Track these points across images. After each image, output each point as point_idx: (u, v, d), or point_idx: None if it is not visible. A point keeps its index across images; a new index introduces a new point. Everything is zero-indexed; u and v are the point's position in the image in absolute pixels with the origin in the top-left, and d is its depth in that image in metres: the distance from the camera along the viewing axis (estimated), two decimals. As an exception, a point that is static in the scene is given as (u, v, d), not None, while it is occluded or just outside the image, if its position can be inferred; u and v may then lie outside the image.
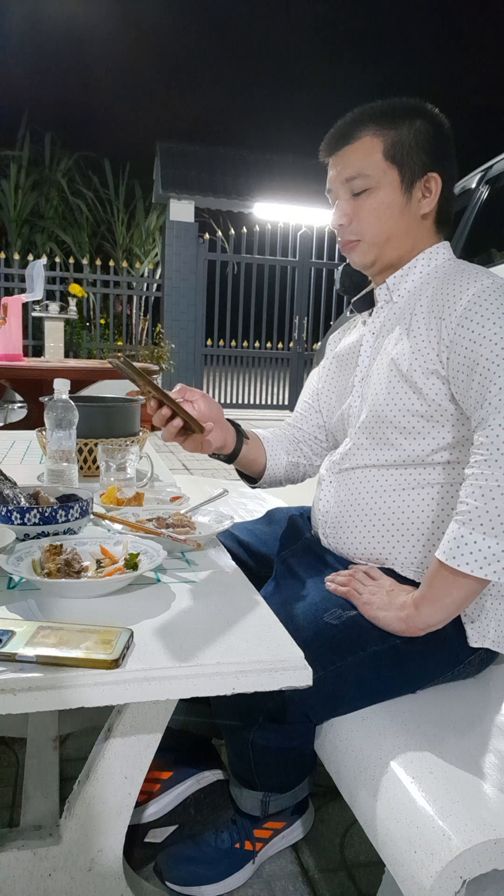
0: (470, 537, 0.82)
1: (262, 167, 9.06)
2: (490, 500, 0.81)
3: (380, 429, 1.02)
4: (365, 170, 1.01)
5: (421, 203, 1.03)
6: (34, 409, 4.28)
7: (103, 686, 0.61)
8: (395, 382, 1.00)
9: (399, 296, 1.07)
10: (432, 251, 1.06)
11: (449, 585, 0.85)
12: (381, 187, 1.01)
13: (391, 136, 1.00)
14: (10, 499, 0.97)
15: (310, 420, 1.28)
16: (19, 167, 9.76)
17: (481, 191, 3.03)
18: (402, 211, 1.03)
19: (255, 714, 0.91)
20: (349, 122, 1.04)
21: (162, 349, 7.34)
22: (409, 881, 0.68)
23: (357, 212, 1.03)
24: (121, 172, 10.11)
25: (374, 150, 1.01)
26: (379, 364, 1.05)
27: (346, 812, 1.18)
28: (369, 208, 1.02)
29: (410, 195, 1.02)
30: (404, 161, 1.01)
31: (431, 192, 1.03)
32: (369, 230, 1.04)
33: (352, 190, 1.03)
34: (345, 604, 0.94)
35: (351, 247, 1.07)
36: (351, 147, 1.02)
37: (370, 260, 1.07)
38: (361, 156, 1.01)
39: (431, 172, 1.02)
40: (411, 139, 1.01)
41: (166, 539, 0.93)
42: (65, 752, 1.30)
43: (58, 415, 1.23)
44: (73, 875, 0.84)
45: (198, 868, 1.02)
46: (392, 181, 1.01)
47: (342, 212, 1.05)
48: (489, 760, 0.79)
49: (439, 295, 0.97)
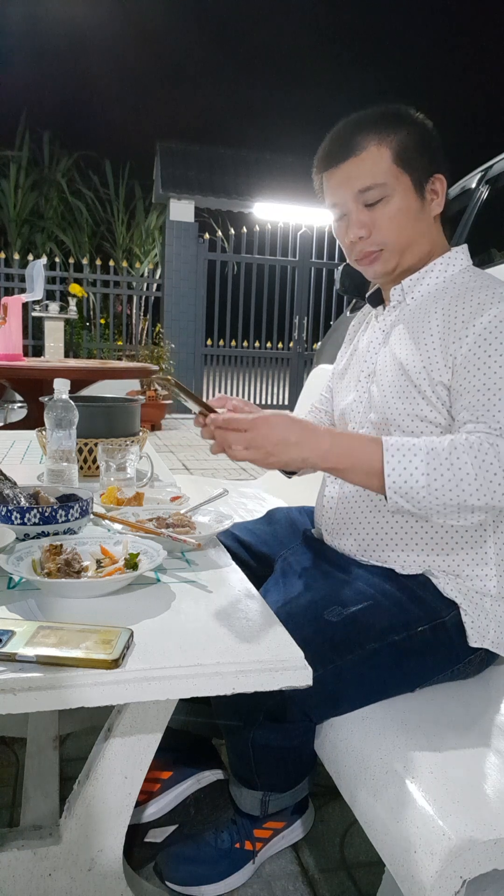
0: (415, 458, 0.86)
1: (262, 167, 9.05)
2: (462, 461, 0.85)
3: (387, 431, 1.03)
4: (379, 178, 0.99)
5: (432, 205, 1.03)
6: (34, 409, 4.27)
7: (103, 686, 0.61)
8: (403, 387, 1.00)
9: (412, 298, 1.06)
10: (450, 256, 1.05)
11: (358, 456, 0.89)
12: (396, 194, 1.00)
13: (396, 142, 0.99)
14: (10, 499, 0.97)
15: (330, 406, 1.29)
16: (19, 167, 9.75)
17: (481, 191, 3.03)
18: (419, 215, 1.02)
19: (256, 713, 0.91)
20: (348, 132, 1.01)
21: (162, 349, 7.34)
22: (409, 881, 0.68)
23: (376, 222, 1.01)
24: (121, 172, 10.10)
25: (383, 158, 0.99)
26: (387, 365, 1.05)
27: (346, 812, 1.17)
28: (388, 216, 1.00)
29: (423, 198, 1.02)
30: (413, 165, 1.00)
31: (438, 194, 1.03)
32: (392, 238, 1.02)
33: (365, 201, 1.01)
34: (344, 601, 0.94)
35: (373, 258, 1.05)
36: (358, 158, 1.00)
37: (392, 267, 1.06)
38: (371, 165, 0.99)
39: (436, 174, 1.02)
40: (413, 143, 1.00)
41: (166, 539, 0.93)
42: (65, 752, 1.30)
43: (58, 415, 1.23)
44: (73, 875, 0.84)
45: (198, 868, 1.02)
46: (406, 187, 1.00)
47: (360, 224, 1.02)
48: (489, 760, 0.79)
49: (458, 308, 0.96)
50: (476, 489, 0.83)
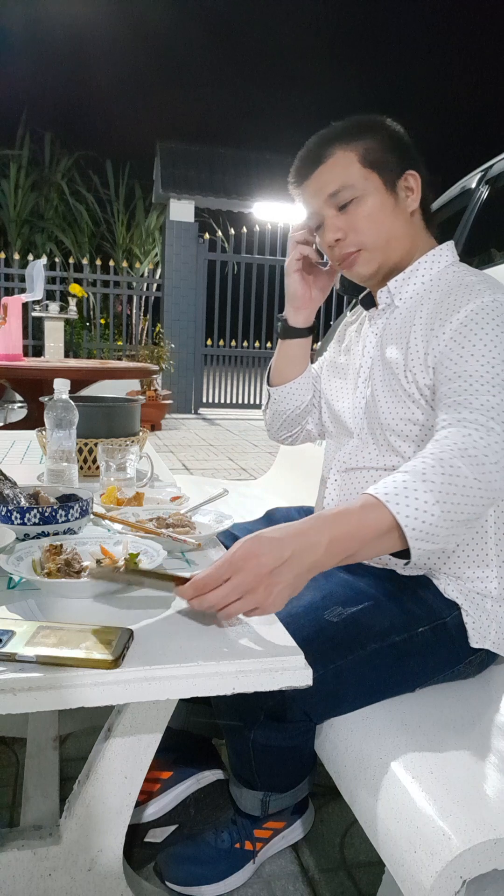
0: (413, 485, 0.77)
1: (262, 167, 9.05)
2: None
3: (382, 434, 1.03)
4: (347, 180, 1.00)
5: (407, 201, 1.03)
6: (34, 409, 4.28)
7: (103, 686, 0.61)
8: (394, 390, 1.00)
9: (401, 300, 1.06)
10: (435, 254, 1.05)
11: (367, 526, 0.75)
12: (367, 193, 1.00)
13: (361, 146, 1.00)
14: (10, 499, 0.97)
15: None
16: (19, 167, 9.76)
17: (481, 191, 3.03)
18: (394, 211, 1.02)
19: (256, 713, 0.91)
20: (314, 146, 1.03)
21: (162, 349, 7.34)
22: (409, 881, 0.68)
23: (350, 223, 1.02)
24: (121, 172, 10.11)
25: (350, 161, 1.00)
26: (379, 368, 1.05)
27: (346, 812, 1.18)
28: (362, 215, 1.01)
29: (396, 194, 1.02)
30: (381, 164, 1.01)
31: (413, 190, 1.03)
32: (369, 236, 1.02)
33: (337, 204, 1.02)
34: (345, 601, 0.94)
35: (352, 259, 1.04)
36: (325, 165, 1.01)
37: (374, 268, 1.05)
38: (339, 169, 1.00)
39: (409, 170, 1.02)
40: (380, 145, 1.01)
41: (166, 539, 0.93)
42: (65, 752, 1.30)
43: (58, 415, 1.23)
44: (73, 875, 0.84)
45: (197, 868, 1.02)
46: (376, 185, 1.01)
47: (334, 227, 1.03)
48: (489, 760, 0.79)
49: (439, 308, 0.97)
50: (478, 489, 0.80)
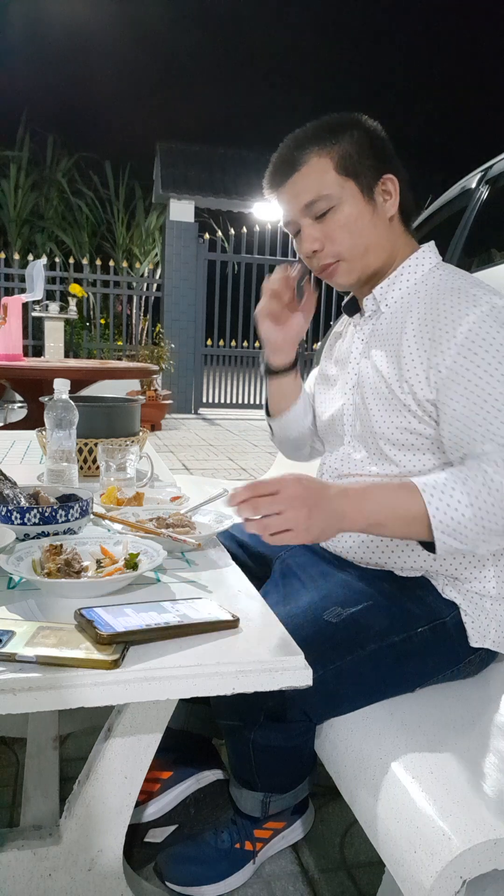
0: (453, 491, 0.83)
1: (262, 167, 8.82)
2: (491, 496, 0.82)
3: (375, 443, 1.02)
4: (323, 190, 0.98)
5: (385, 206, 1.01)
6: (34, 409, 4.28)
7: (103, 686, 0.61)
8: (388, 399, 0.99)
9: (386, 306, 1.04)
10: (417, 257, 1.04)
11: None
12: (344, 202, 0.99)
13: (337, 151, 0.98)
14: (10, 499, 0.97)
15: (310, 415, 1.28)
16: (19, 167, 9.75)
17: (481, 191, 3.03)
18: (372, 218, 1.01)
19: (256, 713, 0.91)
20: (289, 150, 1.01)
21: (162, 349, 7.34)
22: (409, 881, 0.68)
23: (327, 233, 1.00)
24: (121, 172, 10.10)
25: (325, 169, 0.98)
26: (370, 377, 1.03)
27: (346, 812, 1.17)
28: (339, 225, 0.99)
29: (374, 201, 1.00)
30: (357, 170, 0.99)
31: (391, 194, 1.01)
32: (346, 246, 1.01)
33: (314, 214, 1.00)
34: (344, 602, 0.94)
35: (332, 270, 1.04)
36: (300, 173, 0.99)
37: (354, 278, 1.04)
38: (315, 178, 0.99)
39: (386, 175, 1.01)
40: (355, 149, 0.99)
41: (166, 539, 0.93)
42: (65, 752, 1.30)
43: (58, 415, 1.23)
44: (73, 875, 0.84)
45: (198, 868, 1.02)
46: (352, 193, 0.99)
47: (311, 238, 1.01)
48: (489, 760, 0.79)
49: (432, 315, 0.94)
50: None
